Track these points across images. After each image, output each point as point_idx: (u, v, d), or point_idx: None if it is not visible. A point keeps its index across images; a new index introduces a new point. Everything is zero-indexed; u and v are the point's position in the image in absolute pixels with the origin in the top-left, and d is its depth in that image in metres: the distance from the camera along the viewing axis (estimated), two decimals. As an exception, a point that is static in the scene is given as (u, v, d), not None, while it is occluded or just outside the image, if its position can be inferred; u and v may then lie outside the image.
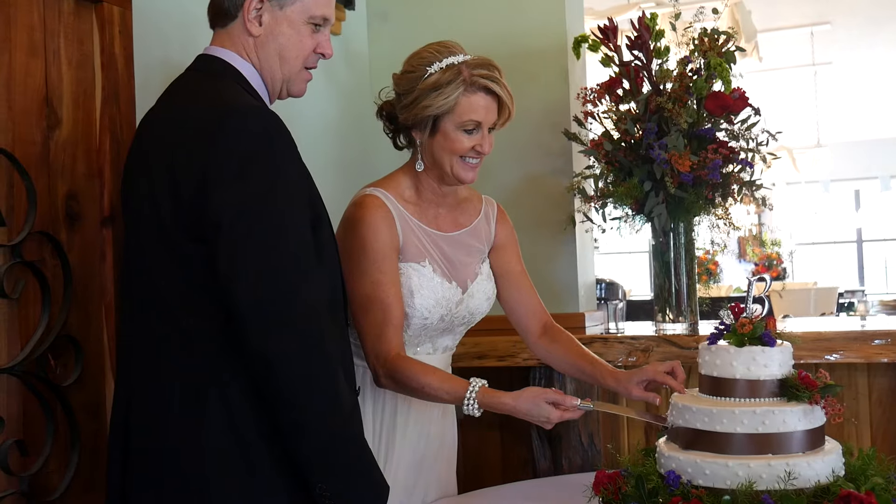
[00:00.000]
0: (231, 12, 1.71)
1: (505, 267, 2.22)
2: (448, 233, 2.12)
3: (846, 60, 8.85)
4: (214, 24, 1.76)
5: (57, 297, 1.74)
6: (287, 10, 1.71)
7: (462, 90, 1.97)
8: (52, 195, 1.76)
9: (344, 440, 1.53)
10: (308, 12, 1.73)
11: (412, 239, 2.05)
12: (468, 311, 2.12)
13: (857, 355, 2.41)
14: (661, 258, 2.75)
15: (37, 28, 1.74)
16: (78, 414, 1.76)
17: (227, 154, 1.51)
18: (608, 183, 2.71)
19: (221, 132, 1.52)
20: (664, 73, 2.65)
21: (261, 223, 1.48)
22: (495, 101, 2.01)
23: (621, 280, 5.10)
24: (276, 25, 1.71)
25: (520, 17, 3.01)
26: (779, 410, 1.59)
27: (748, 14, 5.15)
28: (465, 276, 2.13)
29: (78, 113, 1.82)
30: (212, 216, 1.49)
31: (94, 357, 1.83)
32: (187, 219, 1.53)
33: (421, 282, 2.03)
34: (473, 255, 2.16)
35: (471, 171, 2.05)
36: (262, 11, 1.70)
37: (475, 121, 1.99)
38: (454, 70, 1.97)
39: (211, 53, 1.73)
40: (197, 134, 1.54)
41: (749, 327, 1.68)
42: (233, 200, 1.48)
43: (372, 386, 2.02)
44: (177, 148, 1.56)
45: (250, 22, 1.70)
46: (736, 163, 2.63)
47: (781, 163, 8.29)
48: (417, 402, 2.06)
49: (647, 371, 2.02)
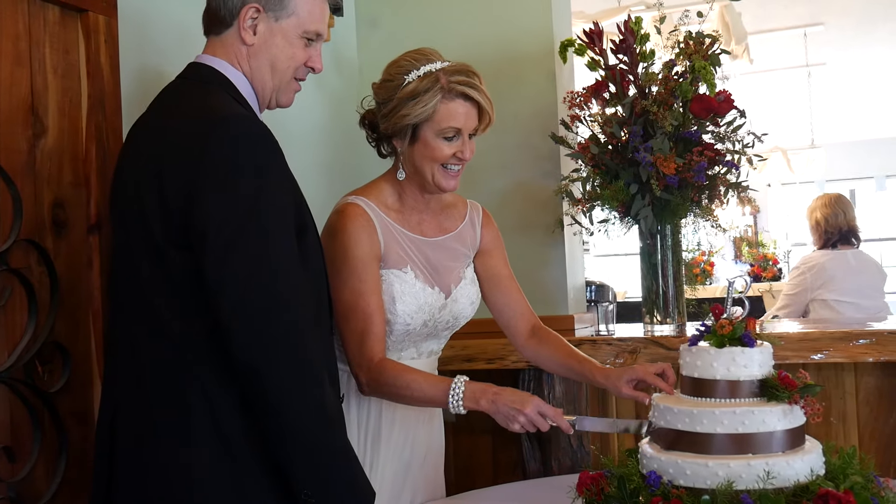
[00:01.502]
0: (226, 20, 1.73)
1: (492, 271, 2.23)
2: (432, 238, 2.13)
3: (840, 61, 8.87)
4: (208, 31, 1.78)
5: (44, 304, 1.76)
6: (282, 23, 1.74)
7: (440, 97, 1.97)
8: (39, 203, 1.78)
9: (329, 447, 1.54)
10: (303, 27, 1.76)
11: (394, 246, 2.06)
12: (452, 315, 2.13)
13: (842, 355, 2.43)
14: (648, 260, 2.77)
15: (22, 37, 1.76)
16: (65, 420, 1.78)
17: (212, 164, 1.53)
18: (595, 186, 2.72)
19: (208, 142, 1.53)
20: (649, 77, 2.66)
21: (245, 233, 1.50)
22: (475, 107, 2.01)
23: (617, 282, 5.11)
24: (271, 36, 1.74)
25: (507, 21, 3.03)
26: (758, 410, 1.61)
27: (738, 16, 5.16)
28: (448, 281, 2.14)
29: (64, 121, 1.84)
30: (198, 225, 1.50)
31: (82, 363, 1.84)
32: (174, 227, 1.54)
33: (403, 288, 2.04)
34: (458, 260, 2.17)
35: (452, 179, 2.05)
36: (257, 21, 1.72)
37: (454, 128, 2.00)
38: (432, 77, 1.98)
39: (202, 62, 1.75)
40: (184, 143, 1.56)
41: (729, 328, 1.69)
42: (218, 210, 1.50)
43: (356, 392, 2.03)
44: (165, 156, 1.57)
45: (245, 31, 1.72)
46: (722, 165, 2.64)
47: (776, 163, 8.32)
48: (403, 406, 2.07)
49: (638, 370, 2.03)
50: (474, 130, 2.04)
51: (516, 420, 1.86)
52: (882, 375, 2.52)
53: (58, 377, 1.78)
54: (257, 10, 1.72)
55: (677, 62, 2.67)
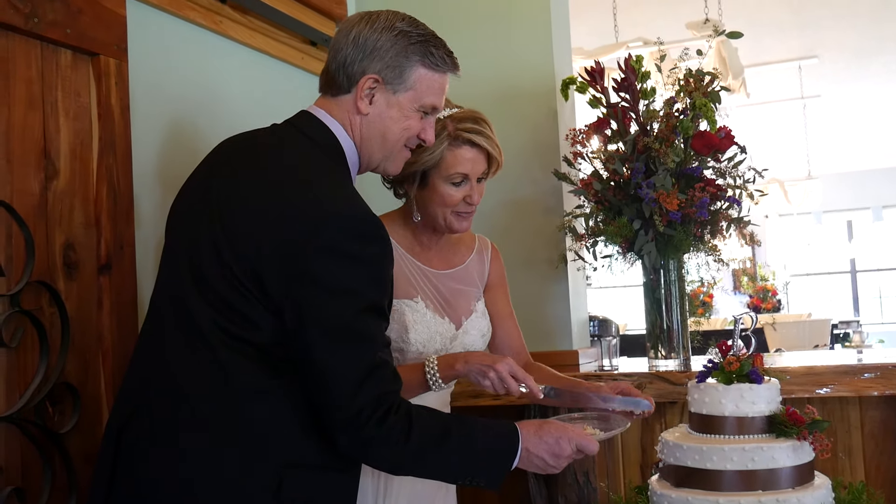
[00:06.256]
0: (344, 86, 1.73)
1: (494, 307, 2.25)
2: (440, 270, 2.15)
3: (835, 93, 8.97)
4: (324, 90, 1.78)
5: (55, 345, 1.77)
6: (399, 96, 1.73)
7: (447, 145, 1.99)
8: (50, 245, 1.79)
9: (432, 464, 1.62)
10: (420, 101, 1.75)
11: (403, 271, 2.08)
12: (463, 347, 2.15)
13: (848, 389, 2.44)
14: (652, 295, 2.78)
15: (35, 81, 1.78)
16: (76, 461, 1.78)
17: (318, 252, 1.52)
18: (598, 221, 2.75)
19: (318, 229, 1.53)
20: (651, 114, 2.70)
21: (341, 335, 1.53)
22: (482, 153, 2.03)
23: (617, 314, 5.13)
24: (387, 108, 1.73)
25: (509, 59, 3.07)
26: (767, 447, 1.62)
27: (735, 51, 5.23)
28: (459, 313, 2.15)
29: (75, 163, 1.86)
30: (280, 302, 1.53)
31: (92, 404, 1.85)
32: (242, 276, 1.54)
33: (415, 317, 2.06)
34: (467, 293, 2.19)
35: (464, 221, 2.08)
36: (375, 91, 1.72)
37: (462, 174, 2.02)
38: (440, 125, 1.99)
39: (317, 115, 1.74)
40: (290, 215, 1.54)
41: (736, 365, 1.71)
42: (313, 308, 1.52)
43: None
44: (263, 213, 1.56)
45: (361, 100, 1.72)
46: (724, 200, 2.67)
47: (773, 195, 8.38)
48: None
49: (622, 384, 2.04)
50: (483, 174, 2.06)
51: (486, 376, 1.86)
52: (887, 409, 2.53)
53: (68, 418, 1.79)
54: (376, 80, 1.71)
55: (678, 99, 2.71)
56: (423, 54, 1.73)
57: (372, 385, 1.52)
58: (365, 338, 1.54)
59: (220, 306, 1.56)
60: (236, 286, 1.55)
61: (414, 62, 1.72)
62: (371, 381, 1.53)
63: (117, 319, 1.90)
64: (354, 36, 1.72)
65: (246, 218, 1.58)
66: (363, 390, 1.51)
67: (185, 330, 1.59)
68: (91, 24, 1.88)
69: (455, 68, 1.78)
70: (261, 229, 1.55)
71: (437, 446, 1.59)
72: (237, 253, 1.55)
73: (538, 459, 1.67)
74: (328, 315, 1.51)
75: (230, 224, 1.58)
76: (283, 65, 2.63)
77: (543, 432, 1.68)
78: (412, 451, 1.56)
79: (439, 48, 1.75)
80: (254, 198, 1.60)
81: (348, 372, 1.51)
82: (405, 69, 1.72)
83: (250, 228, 1.56)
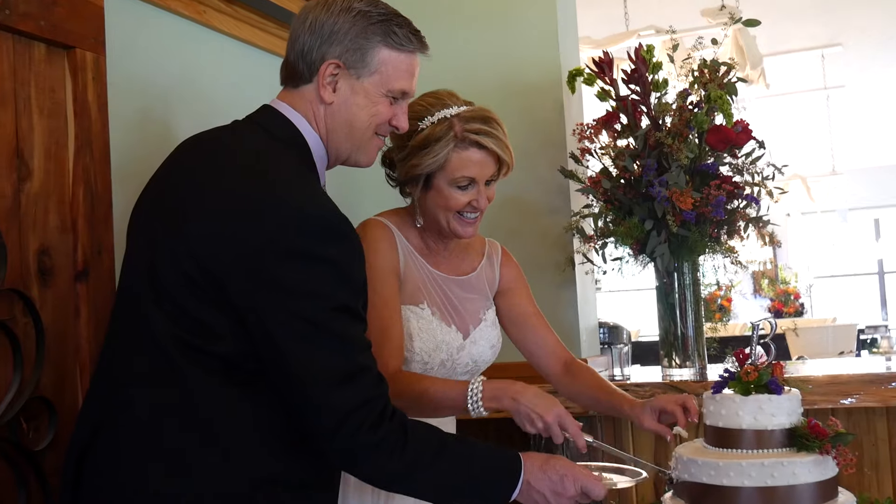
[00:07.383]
0: (305, 75, 1.71)
1: (516, 310, 2.25)
2: (449, 276, 2.16)
3: (860, 83, 8.95)
4: (285, 82, 1.77)
5: (29, 357, 1.76)
6: (364, 81, 1.71)
7: (452, 146, 1.98)
8: (24, 250, 1.79)
9: (427, 480, 1.61)
10: (387, 85, 1.72)
11: (413, 272, 2.08)
12: (471, 358, 2.14)
13: (874, 399, 2.43)
14: (665, 300, 2.78)
15: (6, 76, 1.78)
16: (51, 479, 1.77)
17: (279, 255, 1.50)
18: (608, 222, 2.75)
19: (279, 230, 1.51)
20: (663, 107, 2.70)
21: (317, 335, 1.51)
22: (491, 155, 2.02)
23: (628, 320, 5.13)
24: (352, 95, 1.71)
25: (513, 50, 3.06)
26: (788, 462, 1.62)
27: (753, 39, 5.22)
28: (467, 322, 2.15)
29: (50, 164, 1.86)
30: (242, 309, 1.51)
31: (69, 419, 1.84)
32: (203, 283, 1.53)
33: (420, 325, 2.06)
34: (477, 302, 2.19)
35: (469, 227, 2.07)
36: (338, 78, 1.70)
37: (468, 177, 2.01)
38: (446, 125, 1.99)
39: (279, 109, 1.73)
40: (250, 217, 1.53)
41: (755, 374, 1.71)
42: (279, 312, 1.50)
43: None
44: (221, 216, 1.55)
45: (324, 88, 1.70)
46: (741, 198, 2.67)
47: (795, 192, 8.36)
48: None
49: (660, 400, 2.05)
50: (492, 177, 2.05)
51: (534, 424, 1.85)
52: (916, 420, 2.52)
53: (44, 434, 1.78)
54: (337, 65, 1.69)
55: (692, 91, 2.70)
56: (385, 34, 1.70)
57: (355, 388, 1.51)
58: (337, 337, 1.52)
59: (179, 316, 1.54)
60: (196, 294, 1.53)
61: (375, 43, 1.70)
62: (353, 385, 1.51)
63: (95, 329, 1.89)
64: (311, 22, 1.70)
65: (203, 222, 1.56)
66: (344, 392, 1.50)
67: (145, 343, 1.57)
68: (66, 15, 1.88)
69: (423, 48, 1.75)
70: (219, 234, 1.53)
71: (434, 460, 1.58)
72: (196, 259, 1.54)
73: (538, 495, 1.66)
74: (294, 318, 1.49)
75: (187, 229, 1.56)
76: (271, 56, 2.63)
77: (548, 467, 1.67)
78: (407, 463, 1.55)
79: (402, 26, 1.72)
80: (211, 200, 1.58)
81: (323, 370, 1.49)
82: (367, 51, 1.69)
83: (208, 232, 1.54)
